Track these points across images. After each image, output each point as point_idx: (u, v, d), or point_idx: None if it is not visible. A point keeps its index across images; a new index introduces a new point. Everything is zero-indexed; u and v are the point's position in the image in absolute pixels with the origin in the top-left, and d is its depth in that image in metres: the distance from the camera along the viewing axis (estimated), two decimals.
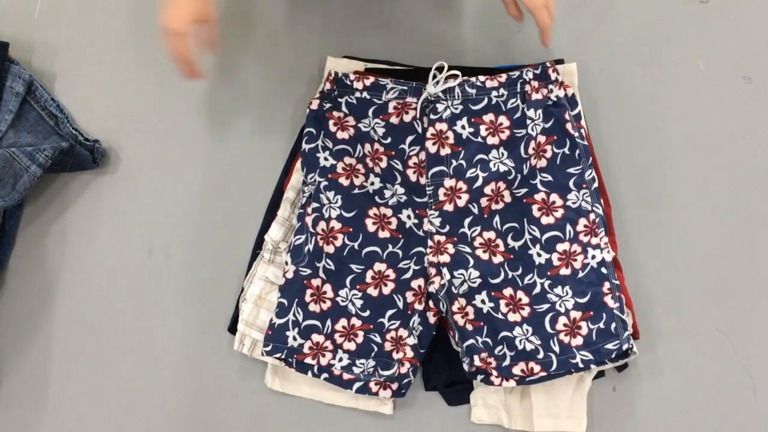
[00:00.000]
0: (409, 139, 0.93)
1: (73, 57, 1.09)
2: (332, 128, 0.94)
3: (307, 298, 0.91)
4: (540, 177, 0.91)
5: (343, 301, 0.91)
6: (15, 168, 0.96)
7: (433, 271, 0.90)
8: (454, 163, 0.91)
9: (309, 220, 0.92)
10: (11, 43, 1.04)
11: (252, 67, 1.06)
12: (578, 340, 0.86)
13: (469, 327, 0.88)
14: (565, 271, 0.88)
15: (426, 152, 0.92)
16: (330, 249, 0.92)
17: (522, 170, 0.90)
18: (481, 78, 0.92)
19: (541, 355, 0.86)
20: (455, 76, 0.92)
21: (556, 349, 0.86)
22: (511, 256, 0.90)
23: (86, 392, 0.97)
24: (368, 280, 0.91)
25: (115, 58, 1.09)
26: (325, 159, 0.94)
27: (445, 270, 0.89)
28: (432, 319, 0.91)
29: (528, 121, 0.90)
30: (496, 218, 0.91)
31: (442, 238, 0.90)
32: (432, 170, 0.91)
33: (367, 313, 0.90)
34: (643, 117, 0.99)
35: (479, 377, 0.88)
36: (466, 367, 0.88)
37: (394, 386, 0.89)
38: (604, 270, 0.88)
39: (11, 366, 0.99)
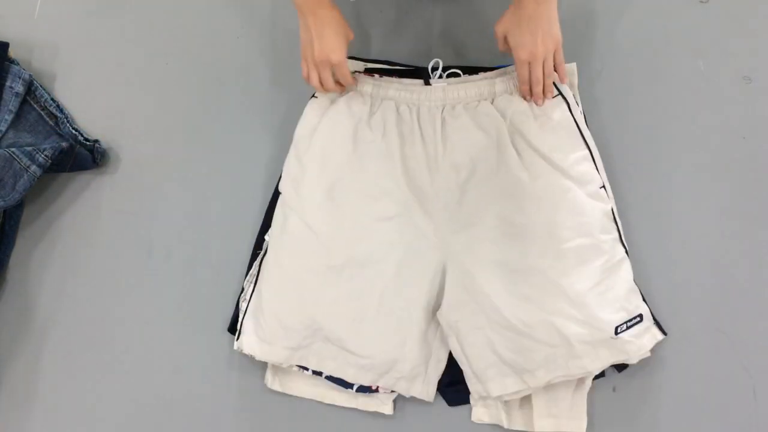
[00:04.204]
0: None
1: (73, 57, 1.09)
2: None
3: None
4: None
5: None
6: (15, 168, 0.96)
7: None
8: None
9: None
10: (11, 43, 1.04)
11: (252, 68, 1.06)
12: None
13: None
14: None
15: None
16: None
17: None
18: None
19: None
20: (455, 75, 0.92)
21: None
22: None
23: (86, 392, 0.97)
24: None
25: (115, 58, 1.09)
26: None
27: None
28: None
29: None
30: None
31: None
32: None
33: None
34: (643, 117, 0.99)
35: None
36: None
37: None
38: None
39: (11, 365, 0.99)
